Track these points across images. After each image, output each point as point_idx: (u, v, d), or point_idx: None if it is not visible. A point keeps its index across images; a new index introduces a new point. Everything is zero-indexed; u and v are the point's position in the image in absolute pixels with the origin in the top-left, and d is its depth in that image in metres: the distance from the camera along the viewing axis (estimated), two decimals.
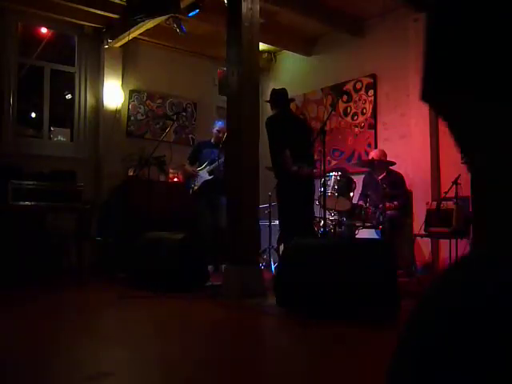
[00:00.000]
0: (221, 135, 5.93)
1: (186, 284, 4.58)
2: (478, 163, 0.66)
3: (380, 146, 6.57)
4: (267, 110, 8.19)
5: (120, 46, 6.83)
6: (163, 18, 5.80)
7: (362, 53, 6.93)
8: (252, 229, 4.40)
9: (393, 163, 5.73)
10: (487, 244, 0.59)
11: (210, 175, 5.95)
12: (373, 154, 5.92)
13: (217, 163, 5.82)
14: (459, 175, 4.92)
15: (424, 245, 5.87)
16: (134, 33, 6.26)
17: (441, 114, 0.64)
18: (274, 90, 5.18)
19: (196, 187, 6.00)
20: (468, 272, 0.59)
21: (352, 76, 7.06)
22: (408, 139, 6.26)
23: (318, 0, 6.33)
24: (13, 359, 2.35)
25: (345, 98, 7.02)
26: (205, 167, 6.01)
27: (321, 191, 5.31)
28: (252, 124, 4.47)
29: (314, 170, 5.02)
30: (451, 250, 4.91)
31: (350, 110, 7.10)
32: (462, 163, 5.62)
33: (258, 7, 4.56)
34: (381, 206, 5.28)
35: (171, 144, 6.42)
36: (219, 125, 6.13)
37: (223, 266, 4.70)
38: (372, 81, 6.80)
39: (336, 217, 5.80)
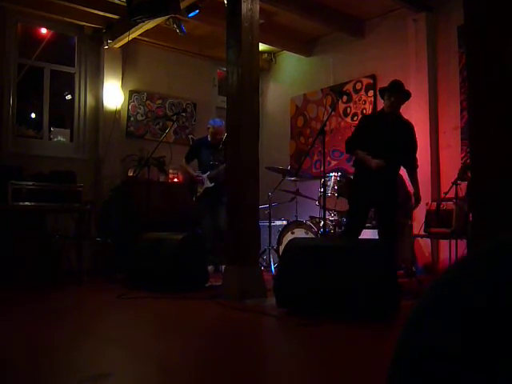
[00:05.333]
0: (218, 136, 5.85)
1: (185, 284, 4.58)
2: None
3: None
4: (267, 110, 8.25)
5: (120, 47, 6.83)
6: (163, 18, 5.81)
7: (361, 53, 6.94)
8: (252, 229, 4.40)
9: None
10: (487, 243, 0.59)
11: (211, 182, 5.88)
12: None
13: (218, 170, 5.75)
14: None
15: (424, 245, 5.87)
16: (134, 33, 6.26)
17: None
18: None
19: (199, 193, 5.96)
20: (468, 272, 0.59)
21: (352, 76, 7.06)
22: None
23: (317, 0, 6.34)
24: (12, 360, 2.34)
25: (345, 98, 7.02)
26: (206, 173, 5.93)
27: (321, 192, 5.32)
28: (252, 124, 4.47)
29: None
30: (451, 250, 4.91)
31: (350, 110, 7.10)
32: (462, 164, 5.64)
33: (258, 8, 4.55)
34: None
35: (171, 144, 6.42)
36: (215, 125, 5.95)
37: (223, 267, 4.70)
38: (372, 81, 6.80)
39: (336, 217, 5.81)
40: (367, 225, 5.38)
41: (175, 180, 7.04)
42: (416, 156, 4.56)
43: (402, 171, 5.87)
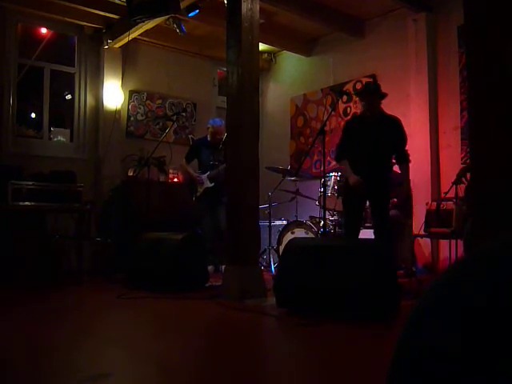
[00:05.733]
0: (218, 136, 5.85)
1: (185, 284, 4.58)
2: None
3: None
4: (267, 110, 8.24)
5: (120, 47, 6.83)
6: (163, 18, 5.81)
7: (361, 53, 6.94)
8: (252, 229, 4.40)
9: (392, 163, 5.72)
10: (487, 243, 0.59)
11: (211, 182, 5.88)
12: None
13: (218, 170, 5.75)
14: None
15: (424, 245, 5.87)
16: (134, 33, 6.26)
17: None
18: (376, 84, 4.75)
19: (199, 193, 5.97)
20: (468, 272, 0.59)
21: (352, 76, 7.06)
22: (408, 139, 6.25)
23: (317, 0, 6.34)
24: (12, 360, 2.34)
25: (345, 98, 7.02)
26: (206, 173, 5.94)
27: (321, 192, 5.32)
28: (252, 124, 4.47)
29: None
30: (451, 250, 4.91)
31: (350, 110, 7.10)
32: (461, 163, 5.64)
33: (258, 7, 4.55)
34: None
35: (171, 144, 6.42)
36: (214, 124, 5.96)
37: (223, 267, 4.70)
38: (372, 81, 6.79)
39: (336, 217, 5.81)
40: (367, 224, 5.39)
41: (175, 180, 7.04)
42: (406, 149, 4.53)
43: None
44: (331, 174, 5.55)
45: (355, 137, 4.47)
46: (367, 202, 4.64)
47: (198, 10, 5.85)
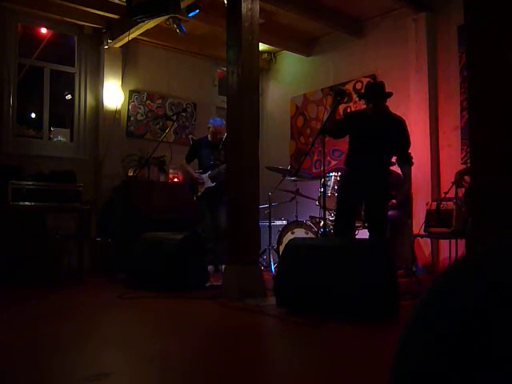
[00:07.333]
0: (218, 136, 5.86)
1: (185, 284, 4.58)
2: None
3: None
4: (267, 110, 8.25)
5: (120, 47, 6.83)
6: (163, 18, 5.81)
7: (361, 53, 6.94)
8: (252, 229, 4.40)
9: (391, 164, 5.73)
10: (487, 243, 0.59)
11: (212, 182, 5.88)
12: None
13: (218, 170, 5.75)
14: None
15: (424, 245, 5.87)
16: (134, 33, 6.27)
17: None
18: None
19: (200, 193, 5.97)
20: (468, 272, 0.59)
21: (352, 76, 7.06)
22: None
23: (317, 0, 6.34)
24: (12, 359, 2.34)
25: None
26: (207, 173, 5.94)
27: (321, 191, 5.32)
28: (252, 124, 4.47)
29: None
30: (451, 250, 4.91)
31: (350, 110, 7.10)
32: (461, 163, 5.64)
33: (258, 7, 4.56)
34: None
35: (171, 144, 6.42)
36: (215, 124, 5.96)
37: (223, 266, 4.70)
38: (372, 81, 6.79)
39: None
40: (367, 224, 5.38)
41: (175, 180, 7.04)
42: (408, 151, 4.36)
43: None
44: (331, 174, 5.55)
45: (356, 130, 4.31)
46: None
47: (198, 10, 5.85)
